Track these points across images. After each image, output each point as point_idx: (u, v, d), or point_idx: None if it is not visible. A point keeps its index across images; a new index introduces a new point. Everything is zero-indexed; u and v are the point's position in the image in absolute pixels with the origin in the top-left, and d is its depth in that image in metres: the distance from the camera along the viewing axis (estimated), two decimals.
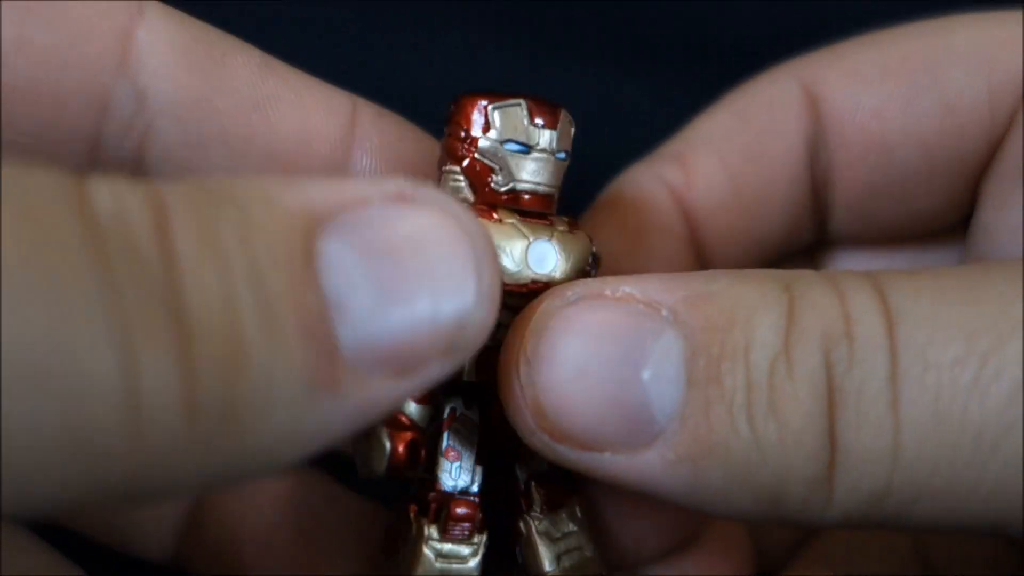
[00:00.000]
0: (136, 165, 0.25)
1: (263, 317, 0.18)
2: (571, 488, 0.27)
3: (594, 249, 0.27)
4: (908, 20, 0.31)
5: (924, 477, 0.21)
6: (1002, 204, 0.29)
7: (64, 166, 0.22)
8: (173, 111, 0.25)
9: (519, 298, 0.25)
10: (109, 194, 0.17)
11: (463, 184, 0.25)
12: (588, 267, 0.26)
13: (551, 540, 0.26)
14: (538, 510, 0.27)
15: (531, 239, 0.25)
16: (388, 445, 0.25)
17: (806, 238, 0.32)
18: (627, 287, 0.23)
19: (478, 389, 0.26)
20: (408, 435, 0.25)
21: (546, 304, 0.23)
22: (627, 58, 0.41)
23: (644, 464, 0.22)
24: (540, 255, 0.25)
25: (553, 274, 0.25)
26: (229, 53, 0.25)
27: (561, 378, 0.22)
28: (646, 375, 0.22)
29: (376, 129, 0.27)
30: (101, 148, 0.25)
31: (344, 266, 0.19)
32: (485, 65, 0.40)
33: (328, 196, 0.20)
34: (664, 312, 0.22)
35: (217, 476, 0.19)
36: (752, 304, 0.22)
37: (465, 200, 0.25)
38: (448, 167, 0.26)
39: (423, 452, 0.26)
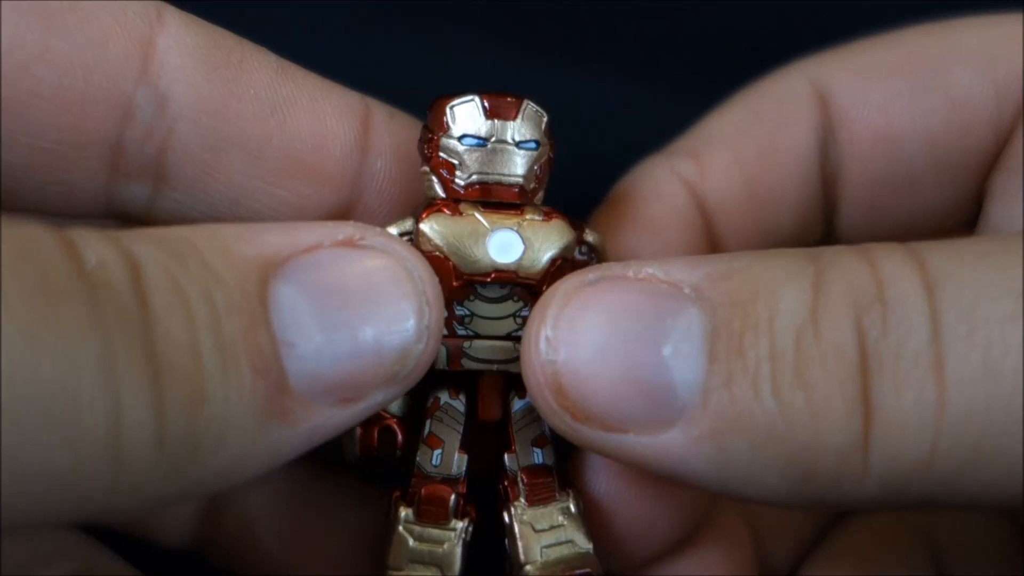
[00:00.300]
0: (157, 169, 0.26)
1: (220, 357, 0.20)
2: (564, 482, 0.27)
3: (590, 239, 0.27)
4: (911, 23, 0.31)
5: (972, 440, 0.20)
6: (1010, 199, 0.30)
7: (88, 172, 0.25)
8: (192, 116, 0.25)
9: (488, 288, 0.25)
10: (93, 251, 0.19)
11: (435, 182, 0.26)
12: (579, 255, 0.27)
13: (534, 531, 0.26)
14: (523, 500, 0.27)
15: (491, 229, 0.25)
16: (357, 431, 0.26)
17: (813, 235, 0.32)
18: (650, 268, 0.23)
19: (465, 377, 0.27)
20: (382, 422, 0.26)
21: (565, 285, 0.24)
22: (630, 59, 0.42)
23: (668, 443, 0.22)
24: (502, 244, 0.25)
25: (520, 263, 0.25)
26: (246, 58, 0.26)
27: (581, 357, 0.23)
28: (667, 351, 0.22)
29: (389, 130, 0.27)
30: (123, 153, 0.25)
31: (294, 307, 0.21)
32: (487, 65, 0.40)
33: (282, 242, 0.22)
34: (686, 289, 0.23)
35: (181, 495, 0.21)
36: (776, 276, 0.22)
37: (435, 198, 0.26)
38: (422, 168, 0.27)
39: (399, 438, 0.27)
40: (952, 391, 0.20)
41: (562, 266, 0.26)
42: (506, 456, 0.27)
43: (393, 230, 0.26)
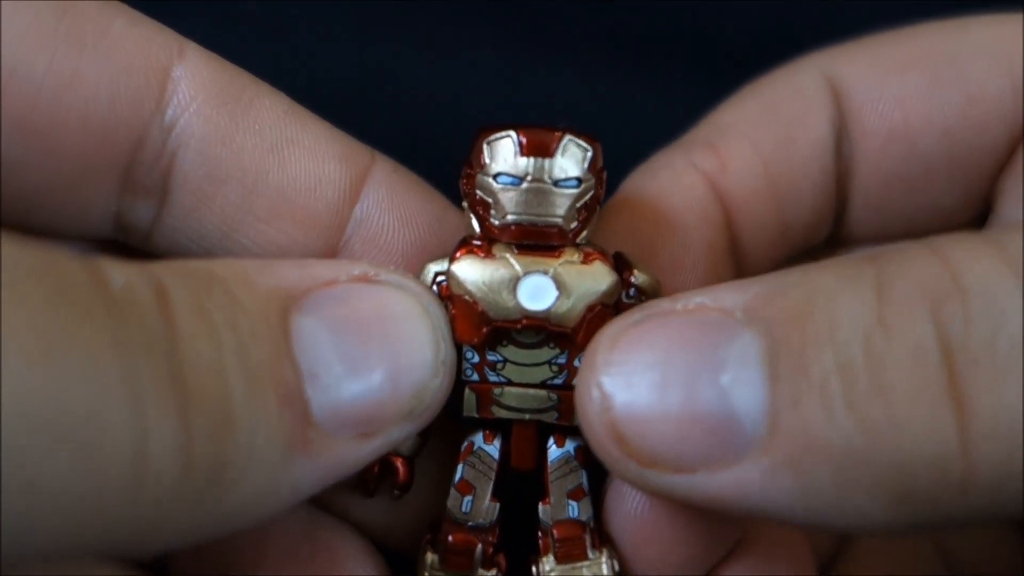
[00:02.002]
0: (161, 194, 0.26)
1: (248, 385, 0.20)
2: (601, 538, 0.26)
3: (638, 280, 0.25)
4: (918, 21, 0.31)
5: None
6: (1021, 198, 0.29)
7: (102, 193, 0.25)
8: (197, 145, 0.26)
9: (522, 333, 0.25)
10: (120, 275, 0.19)
11: (473, 220, 0.25)
12: (626, 299, 0.25)
13: None
14: (553, 556, 0.26)
15: (523, 273, 0.24)
16: None
17: (825, 232, 0.31)
18: (698, 297, 0.22)
19: (501, 422, 0.26)
20: (384, 458, 0.26)
21: (611, 328, 0.23)
22: (632, 58, 0.41)
23: (742, 478, 0.21)
24: (534, 289, 0.24)
25: (553, 310, 0.24)
26: (258, 97, 0.26)
27: (638, 400, 0.22)
28: (725, 380, 0.21)
29: (387, 181, 0.27)
30: (132, 177, 0.25)
31: (315, 339, 0.22)
32: (489, 65, 0.40)
33: (300, 276, 0.22)
34: (737, 314, 0.21)
35: (202, 530, 0.20)
36: (831, 286, 0.21)
37: (473, 236, 0.25)
38: (463, 204, 0.26)
39: (401, 476, 0.26)
40: None
41: (601, 312, 0.24)
42: (540, 507, 0.26)
43: (432, 268, 0.25)
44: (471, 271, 0.24)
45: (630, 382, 0.22)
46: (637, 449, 0.22)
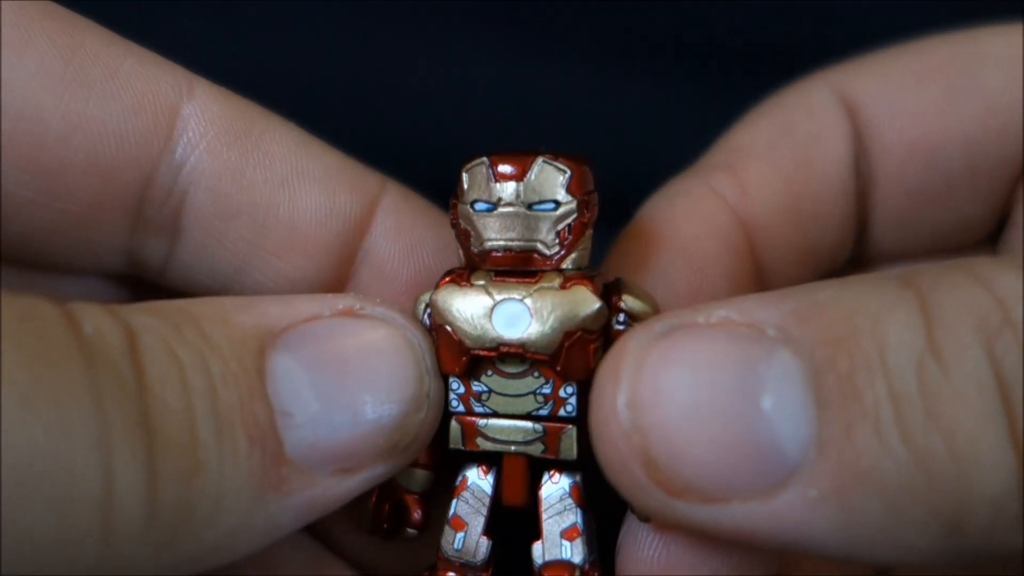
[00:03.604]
0: (173, 231, 0.26)
1: (215, 425, 0.20)
2: None
3: (627, 305, 0.24)
4: (924, 24, 0.30)
5: None
6: None
7: (113, 232, 0.25)
8: (207, 183, 0.26)
9: (506, 363, 0.24)
10: (89, 317, 0.19)
11: (459, 249, 0.25)
12: (616, 325, 0.24)
13: None
14: None
15: (496, 300, 0.24)
16: (371, 503, 0.26)
17: (848, 251, 0.31)
18: (722, 310, 0.21)
19: (495, 457, 0.25)
20: (394, 497, 0.26)
21: (634, 341, 0.21)
22: (636, 58, 0.41)
23: (782, 509, 0.20)
24: (508, 317, 0.24)
25: (526, 336, 0.23)
26: (269, 130, 0.26)
27: (672, 420, 0.20)
28: (767, 403, 0.20)
29: (396, 212, 0.27)
30: (142, 215, 0.26)
31: (291, 377, 0.21)
32: (490, 65, 0.40)
33: (281, 312, 0.22)
34: (770, 331, 0.20)
35: (176, 568, 0.20)
36: (873, 307, 0.20)
37: (459, 266, 0.25)
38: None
39: (415, 515, 0.26)
40: None
41: (582, 339, 0.23)
42: (534, 547, 0.25)
43: (424, 298, 0.25)
44: (449, 300, 0.24)
45: (664, 400, 0.20)
46: (667, 475, 0.20)
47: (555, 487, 0.25)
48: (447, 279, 0.24)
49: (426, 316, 0.25)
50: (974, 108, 0.29)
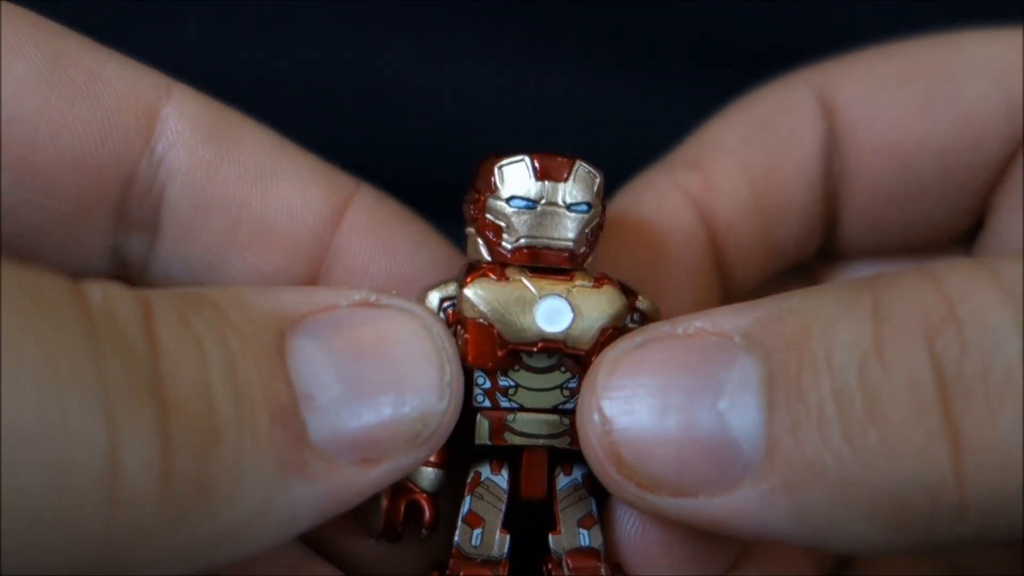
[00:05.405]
0: (153, 226, 0.27)
1: (235, 399, 0.20)
2: (613, 567, 0.26)
3: (642, 306, 0.26)
4: (915, 27, 0.30)
5: None
6: (1015, 214, 0.29)
7: (98, 229, 0.26)
8: (183, 177, 0.26)
9: (534, 358, 0.25)
10: (101, 293, 0.19)
11: (481, 245, 0.25)
12: (630, 323, 0.26)
13: None
14: None
15: (539, 296, 0.24)
16: (383, 503, 0.26)
17: (814, 247, 0.31)
18: (698, 322, 0.23)
19: (507, 452, 0.26)
20: (409, 497, 0.26)
21: (612, 351, 0.23)
22: (634, 59, 0.41)
23: (741, 502, 0.21)
24: (550, 312, 0.24)
25: (569, 332, 0.24)
26: (246, 132, 0.27)
27: (637, 423, 0.22)
28: (723, 405, 0.21)
29: (369, 211, 0.27)
30: (125, 211, 0.26)
31: (312, 361, 0.21)
32: (490, 65, 0.40)
33: (299, 300, 0.22)
34: (736, 338, 0.22)
35: (190, 556, 0.19)
36: (829, 312, 0.21)
37: (479, 261, 0.25)
38: (468, 230, 0.26)
39: (428, 515, 0.26)
40: None
41: (612, 335, 0.24)
42: (551, 537, 0.26)
43: (435, 295, 0.25)
44: (487, 293, 0.24)
45: (630, 406, 0.22)
46: (637, 472, 0.22)
47: (569, 479, 0.26)
48: (476, 274, 0.25)
49: (441, 312, 0.25)
50: (950, 115, 0.29)
